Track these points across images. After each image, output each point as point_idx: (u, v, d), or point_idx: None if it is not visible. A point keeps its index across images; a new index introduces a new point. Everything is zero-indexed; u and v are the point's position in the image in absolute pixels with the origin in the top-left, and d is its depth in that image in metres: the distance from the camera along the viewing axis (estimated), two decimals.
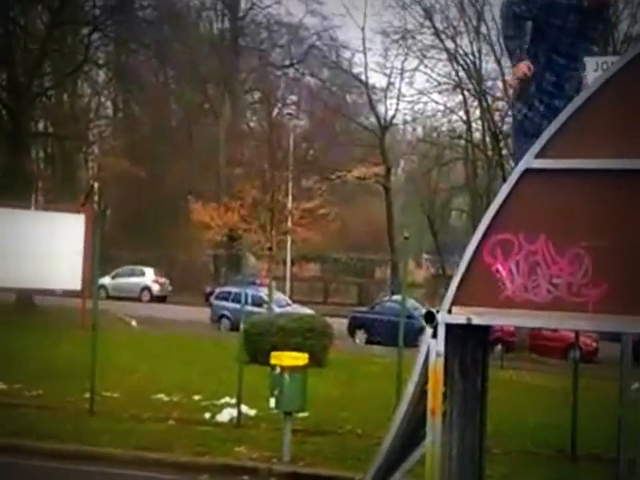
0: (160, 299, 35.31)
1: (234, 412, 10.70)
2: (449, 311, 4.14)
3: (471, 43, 34.49)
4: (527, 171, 4.00)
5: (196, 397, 11.91)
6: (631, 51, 4.15)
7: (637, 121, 3.97)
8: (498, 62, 31.66)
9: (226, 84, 41.08)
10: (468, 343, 4.77)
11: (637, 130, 3.94)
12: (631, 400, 5.65)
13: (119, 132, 42.82)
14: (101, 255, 12.47)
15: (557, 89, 4.83)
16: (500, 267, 4.04)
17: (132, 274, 35.66)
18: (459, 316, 4.11)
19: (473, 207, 36.47)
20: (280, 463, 8.91)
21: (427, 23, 35.58)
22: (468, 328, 4.18)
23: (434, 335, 4.15)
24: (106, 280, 33.06)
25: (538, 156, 4.00)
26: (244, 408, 10.82)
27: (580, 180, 3.95)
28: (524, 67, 4.64)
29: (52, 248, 19.30)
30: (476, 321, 4.09)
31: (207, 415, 10.88)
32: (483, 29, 33.63)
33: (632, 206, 3.88)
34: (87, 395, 10.80)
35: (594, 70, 8.51)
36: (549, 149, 3.98)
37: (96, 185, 31.10)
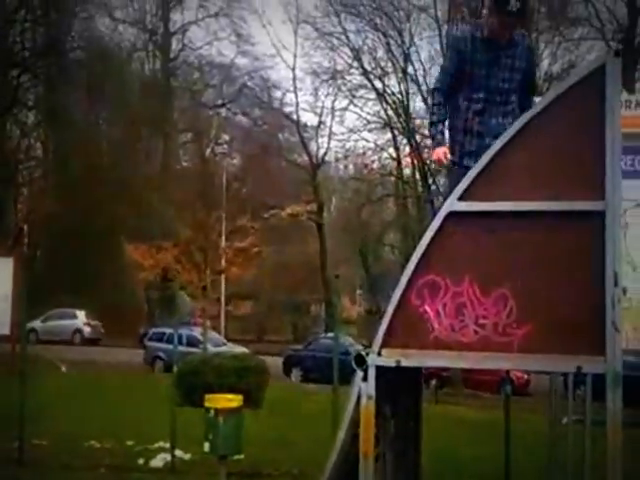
0: (93, 342, 34.62)
1: (168, 457, 10.49)
2: (379, 353, 4.15)
3: (399, 83, 35.25)
4: (450, 214, 4.06)
5: (129, 442, 11.64)
6: (551, 92, 4.25)
7: (557, 163, 4.06)
8: (425, 101, 32.40)
9: (158, 124, 40.90)
10: (400, 384, 4.78)
11: (557, 172, 4.04)
12: (561, 434, 5.72)
13: (49, 173, 42.19)
14: (32, 298, 12.18)
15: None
16: (428, 308, 4.07)
17: (63, 317, 34.91)
18: (389, 358, 4.12)
19: (404, 243, 36.90)
20: None
21: (355, 64, 36.28)
22: (399, 369, 4.20)
23: (365, 378, 4.15)
24: (37, 323, 32.29)
25: (461, 199, 4.06)
26: (178, 452, 10.61)
27: (502, 222, 4.02)
28: (441, 154, 4.73)
29: None
30: (405, 363, 4.11)
31: (140, 461, 10.63)
32: (410, 69, 34.43)
33: (554, 247, 3.97)
34: (15, 444, 10.47)
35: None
36: (471, 192, 4.05)
37: (25, 227, 30.50)
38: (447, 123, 4.96)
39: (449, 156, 4.70)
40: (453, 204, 4.08)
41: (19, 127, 40.51)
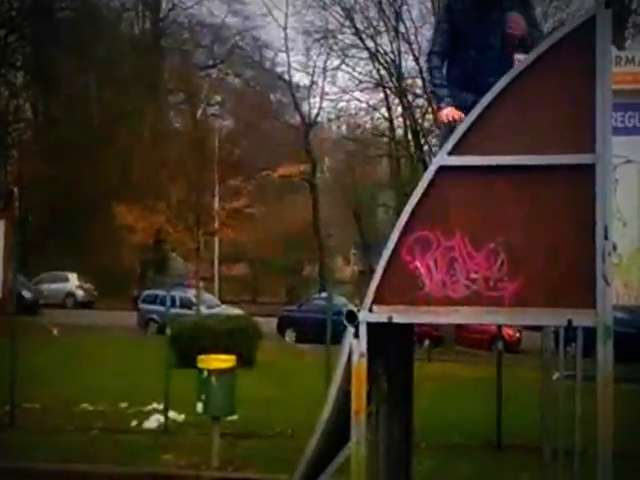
0: (85, 305, 34.61)
1: (161, 418, 10.53)
2: (370, 310, 4.12)
3: (391, 42, 34.96)
4: (441, 168, 4.01)
5: (122, 405, 11.68)
6: (540, 45, 4.18)
7: (548, 116, 4.01)
8: (417, 60, 32.22)
9: (149, 85, 40.52)
10: (392, 341, 4.76)
11: (548, 125, 3.98)
12: (552, 390, 5.73)
13: (39, 135, 41.84)
14: (23, 261, 12.14)
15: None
16: (419, 264, 4.04)
17: (55, 280, 34.78)
18: (380, 315, 4.09)
19: (398, 203, 36.83)
20: (209, 469, 8.78)
21: (347, 23, 35.93)
22: (391, 326, 4.17)
23: (356, 335, 4.12)
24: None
25: (451, 153, 4.01)
26: (172, 414, 10.65)
27: (493, 176, 3.97)
28: (452, 114, 4.60)
29: None
30: (397, 319, 4.08)
31: (134, 423, 10.67)
32: (402, 28, 34.14)
33: (544, 201, 3.93)
34: (7, 408, 10.47)
35: None
36: (462, 146, 4.00)
37: (16, 190, 30.29)
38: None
39: (457, 115, 4.61)
40: (443, 159, 4.03)
41: (8, 88, 40.11)
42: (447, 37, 4.93)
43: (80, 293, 35.22)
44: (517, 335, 24.45)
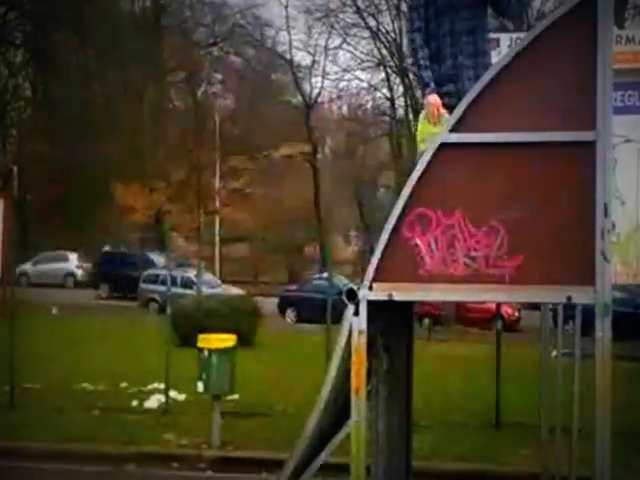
0: (86, 285, 34.59)
1: (162, 398, 10.56)
2: (370, 287, 4.11)
3: (392, 21, 34.82)
4: (442, 145, 3.99)
5: (123, 384, 11.71)
6: (541, 23, 4.15)
7: (548, 94, 3.98)
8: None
9: (149, 63, 40.35)
10: (392, 318, 4.76)
11: (548, 103, 3.96)
12: (550, 368, 5.74)
13: (39, 114, 41.71)
14: (23, 241, 12.14)
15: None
16: (419, 242, 4.02)
17: (55, 260, 34.66)
18: (380, 292, 4.08)
19: (399, 183, 36.79)
20: (209, 448, 8.83)
21: (349, 2, 35.74)
22: (391, 304, 4.16)
23: (356, 313, 4.12)
24: (27, 266, 32.20)
25: (453, 130, 3.99)
26: (173, 393, 10.69)
27: (494, 153, 3.96)
28: (435, 104, 4.57)
29: None
30: (397, 297, 4.07)
31: (134, 402, 10.71)
32: (403, 7, 33.91)
33: (545, 178, 3.91)
34: (7, 388, 10.48)
35: (508, 46, 8.61)
36: (463, 123, 3.98)
37: (15, 169, 30.25)
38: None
39: (442, 110, 4.57)
40: (444, 136, 4.01)
41: (7, 66, 39.94)
42: (424, 11, 4.85)
43: (80, 272, 35.19)
44: (516, 314, 24.55)
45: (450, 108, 4.59)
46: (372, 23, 35.29)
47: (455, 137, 3.99)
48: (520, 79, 4.01)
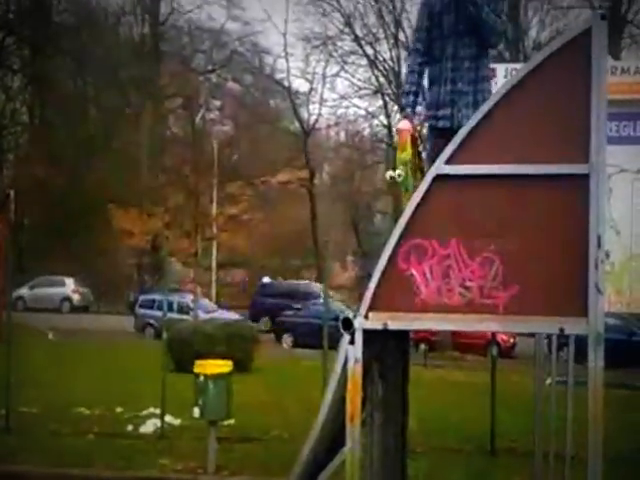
0: (82, 309, 34.56)
1: (158, 423, 10.56)
2: (366, 316, 4.17)
3: (390, 49, 35.13)
4: (438, 177, 4.07)
5: (118, 409, 11.70)
6: (537, 55, 4.24)
7: (543, 126, 4.06)
8: None
9: (147, 89, 40.59)
10: (388, 347, 4.81)
11: (543, 135, 4.04)
12: (544, 395, 5.80)
13: (36, 139, 41.86)
14: (19, 265, 12.18)
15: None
16: (414, 271, 4.09)
17: (51, 284, 34.67)
18: (376, 322, 4.14)
19: (396, 209, 36.91)
20: (205, 473, 8.81)
21: (347, 30, 36.06)
22: (387, 332, 4.22)
23: (352, 341, 4.17)
24: (24, 291, 32.18)
25: (448, 162, 4.07)
26: (169, 418, 10.68)
27: (489, 185, 4.03)
28: (404, 130, 4.67)
29: None
30: (392, 326, 4.13)
31: (130, 427, 10.70)
32: (401, 36, 34.28)
33: (539, 209, 3.98)
34: (2, 412, 10.47)
35: (504, 77, 8.74)
36: (459, 155, 4.05)
37: (12, 193, 30.29)
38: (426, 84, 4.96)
39: (407, 138, 4.66)
40: (440, 167, 4.09)
41: (4, 91, 40.12)
42: (427, 34, 4.94)
43: (76, 297, 35.14)
44: (512, 341, 24.58)
45: (445, 131, 4.69)
46: (370, 51, 35.66)
47: (450, 169, 4.07)
48: (515, 111, 4.09)
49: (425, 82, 5.01)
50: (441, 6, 4.87)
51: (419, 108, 5.02)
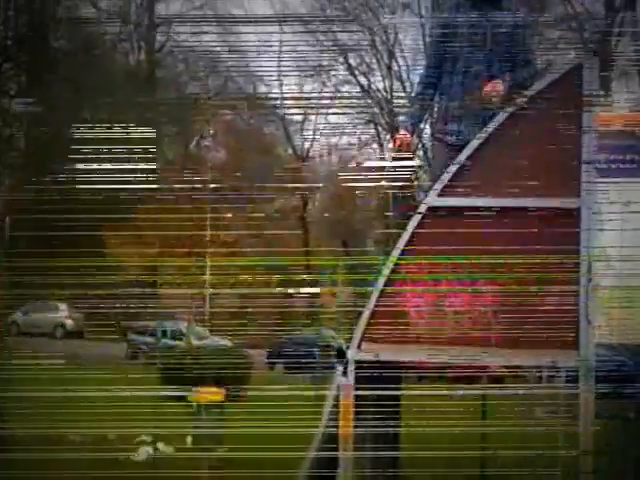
0: (75, 335, 34.39)
1: (150, 451, 10.50)
2: (358, 347, 4.20)
3: (383, 79, 35.49)
4: (430, 209, 4.12)
5: (110, 437, 11.63)
6: (534, 87, 4.32)
7: (534, 160, 4.13)
8: (409, 99, 32.65)
9: (142, 115, 40.67)
10: (381, 377, 4.83)
11: (534, 169, 4.11)
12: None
13: (31, 164, 41.84)
14: (12, 290, 12.17)
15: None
16: (407, 303, 4.12)
17: (45, 309, 34.59)
18: (368, 353, 4.17)
19: (388, 238, 37.02)
20: None
21: (341, 59, 36.47)
22: (380, 362, 4.25)
23: (344, 372, 4.20)
24: (18, 316, 32.08)
25: (441, 195, 4.13)
26: (161, 446, 10.63)
27: (481, 218, 4.09)
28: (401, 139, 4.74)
29: None
30: (384, 357, 4.16)
31: (122, 455, 10.62)
32: (394, 66, 34.67)
33: (531, 242, 4.04)
34: None
35: None
36: (451, 188, 4.12)
37: (7, 219, 30.32)
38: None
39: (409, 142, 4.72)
40: (432, 200, 4.15)
41: (1, 117, 40.19)
42: (435, 69, 5.01)
43: (70, 323, 34.99)
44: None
45: (453, 146, 4.74)
46: (363, 81, 35.99)
47: (442, 201, 4.13)
48: (507, 145, 4.16)
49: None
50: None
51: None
